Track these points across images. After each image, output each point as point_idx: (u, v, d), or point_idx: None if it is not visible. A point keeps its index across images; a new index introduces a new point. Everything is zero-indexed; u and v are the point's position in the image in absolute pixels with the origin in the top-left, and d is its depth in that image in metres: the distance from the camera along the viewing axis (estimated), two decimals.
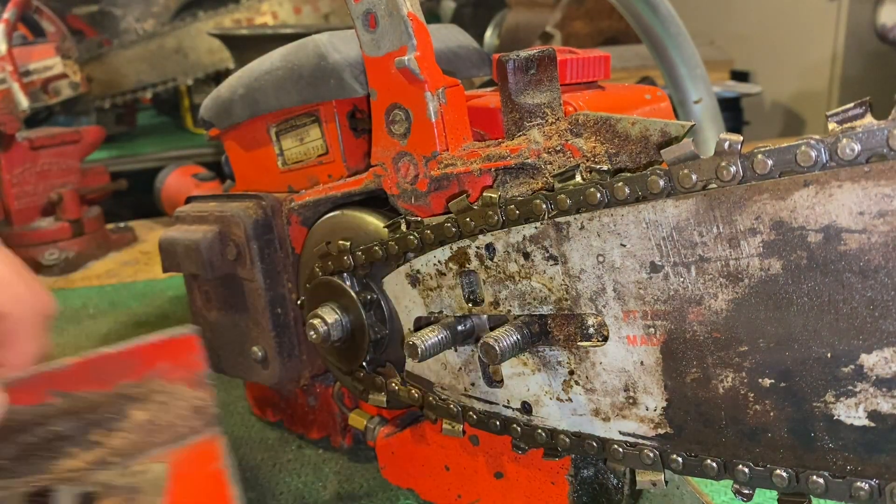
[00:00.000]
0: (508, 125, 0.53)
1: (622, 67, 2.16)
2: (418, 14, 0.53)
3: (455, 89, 0.55)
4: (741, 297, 0.39)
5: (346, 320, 0.62)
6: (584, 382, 0.47)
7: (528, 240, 0.47)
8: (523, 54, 0.52)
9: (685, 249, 0.40)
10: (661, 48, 1.01)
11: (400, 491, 0.71)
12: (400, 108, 0.56)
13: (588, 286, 0.45)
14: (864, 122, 0.34)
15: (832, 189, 0.34)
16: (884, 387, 0.35)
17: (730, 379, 0.41)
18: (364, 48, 0.56)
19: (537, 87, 0.52)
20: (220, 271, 0.72)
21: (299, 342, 0.73)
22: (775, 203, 0.36)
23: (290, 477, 0.77)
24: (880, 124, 0.33)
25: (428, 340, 0.52)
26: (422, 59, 0.53)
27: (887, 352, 0.35)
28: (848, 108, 0.34)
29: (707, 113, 1.06)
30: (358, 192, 0.63)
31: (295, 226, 0.71)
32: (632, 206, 0.41)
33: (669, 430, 0.44)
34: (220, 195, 0.77)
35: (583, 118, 0.49)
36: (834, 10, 2.71)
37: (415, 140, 0.56)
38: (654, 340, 0.43)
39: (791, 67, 2.93)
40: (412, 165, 0.56)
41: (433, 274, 0.54)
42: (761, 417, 0.40)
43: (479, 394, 0.54)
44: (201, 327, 0.79)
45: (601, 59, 0.61)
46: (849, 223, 0.34)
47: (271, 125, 0.73)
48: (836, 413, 0.37)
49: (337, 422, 0.78)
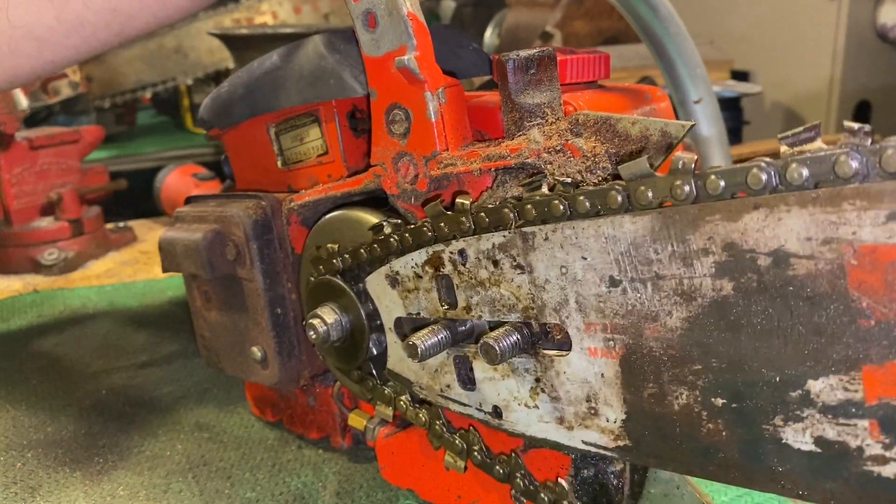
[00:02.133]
0: (508, 125, 0.53)
1: (622, 67, 2.16)
2: (418, 14, 0.53)
3: (455, 89, 0.55)
4: (694, 316, 0.39)
5: (346, 320, 0.62)
6: (549, 391, 0.48)
7: (497, 248, 0.48)
8: (523, 54, 0.51)
9: (642, 266, 0.40)
10: (661, 48, 1.01)
11: (400, 491, 0.71)
12: (400, 107, 0.56)
13: (552, 296, 0.45)
14: (813, 147, 0.34)
15: (781, 213, 0.34)
16: (829, 413, 0.36)
17: (684, 396, 0.41)
18: (364, 48, 0.56)
19: (537, 86, 0.52)
20: (219, 271, 0.72)
21: (299, 342, 0.73)
22: (727, 224, 0.36)
23: (290, 477, 0.76)
24: (829, 149, 0.33)
25: (427, 341, 0.52)
26: (422, 59, 0.53)
27: (833, 379, 0.35)
28: (798, 131, 0.34)
29: (707, 113, 1.06)
30: (357, 192, 0.63)
31: (295, 226, 0.70)
32: (591, 221, 0.42)
33: (628, 443, 0.45)
34: (219, 195, 0.77)
35: (583, 118, 0.49)
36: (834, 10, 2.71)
37: (415, 140, 0.55)
38: (614, 354, 0.43)
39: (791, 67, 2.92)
40: (412, 165, 0.56)
41: (411, 276, 0.54)
42: (714, 436, 0.40)
43: (454, 395, 0.55)
44: (201, 327, 0.79)
45: (601, 59, 0.61)
46: (797, 248, 0.34)
47: (271, 125, 0.73)
48: (785, 437, 0.38)
49: (337, 422, 0.78)
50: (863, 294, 0.33)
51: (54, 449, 0.84)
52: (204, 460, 0.80)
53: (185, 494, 0.74)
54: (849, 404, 0.35)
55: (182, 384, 1.00)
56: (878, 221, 0.31)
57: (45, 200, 1.57)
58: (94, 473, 0.79)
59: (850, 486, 0.36)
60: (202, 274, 0.72)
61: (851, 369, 0.34)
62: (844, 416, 0.35)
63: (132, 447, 0.84)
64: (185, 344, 1.14)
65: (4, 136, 1.51)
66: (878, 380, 0.33)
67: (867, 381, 0.34)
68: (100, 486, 0.76)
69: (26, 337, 1.20)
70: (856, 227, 0.32)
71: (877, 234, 0.31)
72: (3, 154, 1.52)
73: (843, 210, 0.32)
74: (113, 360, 1.07)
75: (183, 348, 1.12)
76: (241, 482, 0.76)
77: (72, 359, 1.09)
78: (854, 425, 0.35)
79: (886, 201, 0.31)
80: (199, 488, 0.75)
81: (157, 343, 1.14)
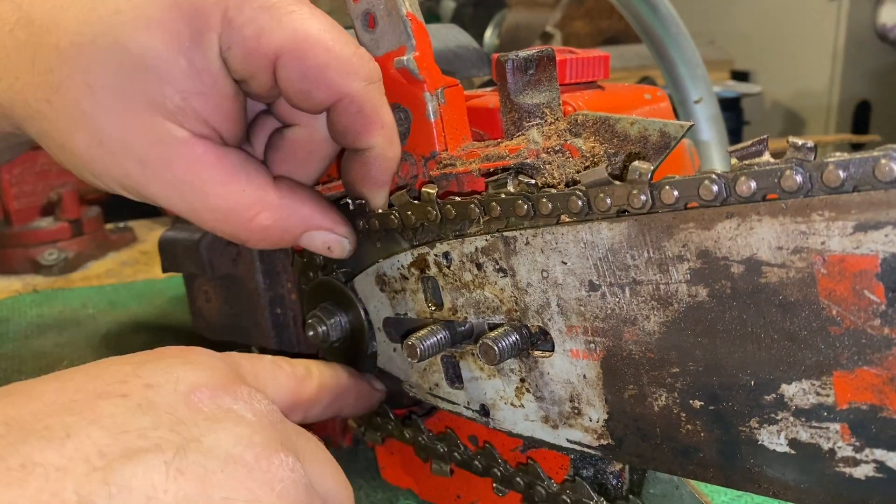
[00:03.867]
0: (507, 125, 0.53)
1: (622, 67, 2.16)
2: (417, 14, 0.54)
3: (454, 89, 0.56)
4: (671, 321, 0.40)
5: (346, 320, 0.62)
6: (534, 390, 0.49)
7: (480, 251, 0.48)
8: (522, 54, 0.52)
9: (619, 271, 0.41)
10: (661, 48, 1.01)
11: (400, 491, 0.71)
12: (399, 108, 0.56)
13: (535, 299, 0.46)
14: (761, 160, 0.35)
15: (753, 222, 0.35)
16: (803, 416, 0.36)
17: (663, 398, 0.42)
18: (363, 48, 0.56)
19: (536, 87, 0.52)
20: (219, 271, 0.72)
21: (299, 343, 0.73)
22: (701, 232, 0.37)
23: None
24: (776, 163, 0.34)
25: (427, 341, 0.52)
26: (421, 59, 0.53)
27: (805, 384, 0.36)
28: (746, 145, 0.35)
29: (707, 113, 1.06)
30: None
31: None
32: (570, 226, 0.43)
33: (611, 442, 0.46)
34: None
35: (582, 118, 0.49)
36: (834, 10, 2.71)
37: (414, 140, 0.56)
38: (595, 356, 0.44)
39: (791, 67, 2.93)
40: (411, 165, 0.56)
41: (397, 277, 0.55)
42: (693, 437, 0.41)
43: (443, 394, 0.56)
44: (201, 328, 0.79)
45: (601, 59, 0.61)
46: (768, 257, 0.35)
47: None
48: (760, 438, 0.38)
49: (336, 422, 0.78)
50: (832, 302, 0.34)
51: None
52: None
53: None
54: (821, 408, 0.36)
55: None
56: (846, 232, 0.32)
57: (45, 200, 1.57)
58: None
59: (823, 486, 0.37)
60: (202, 274, 0.72)
61: (823, 374, 0.35)
62: (817, 420, 0.36)
63: None
64: (185, 344, 1.14)
65: None
66: (849, 385, 0.34)
67: (838, 386, 0.35)
68: None
69: (26, 337, 1.20)
70: (825, 238, 0.33)
71: (845, 244, 0.32)
72: None
73: (812, 220, 0.33)
74: None
75: None
76: None
77: (72, 359, 1.09)
78: (826, 428, 0.36)
79: (854, 212, 0.31)
80: None
81: (157, 343, 1.13)
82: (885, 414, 0.34)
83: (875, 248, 0.31)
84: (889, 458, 0.34)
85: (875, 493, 0.35)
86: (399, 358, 0.59)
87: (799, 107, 2.96)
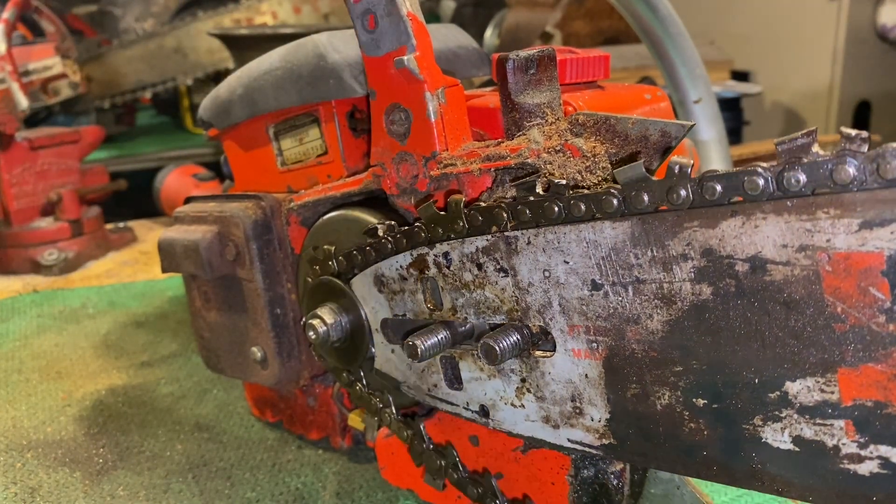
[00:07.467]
0: (508, 125, 0.53)
1: (622, 67, 2.16)
2: (418, 14, 0.53)
3: (455, 89, 0.55)
4: (675, 320, 0.40)
5: (346, 321, 0.62)
6: (534, 391, 0.49)
7: (480, 251, 0.48)
8: (523, 54, 0.51)
9: (622, 270, 0.41)
10: (661, 48, 1.01)
11: (399, 491, 0.71)
12: (399, 108, 0.56)
13: (536, 299, 0.46)
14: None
15: (757, 220, 0.35)
16: (807, 414, 0.36)
17: (666, 397, 0.42)
18: (363, 48, 0.56)
19: (537, 86, 0.52)
20: (219, 272, 0.72)
21: (298, 343, 0.73)
22: (705, 231, 0.37)
23: (290, 477, 0.76)
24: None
25: (428, 341, 0.52)
26: (421, 59, 0.53)
27: (810, 381, 0.36)
28: (795, 136, 0.35)
29: (707, 113, 1.06)
30: (357, 192, 0.63)
31: (294, 226, 0.71)
32: (573, 226, 0.42)
33: (613, 441, 0.46)
34: (219, 195, 0.77)
35: (582, 118, 0.49)
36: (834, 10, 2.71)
37: (414, 140, 0.56)
38: (597, 355, 0.44)
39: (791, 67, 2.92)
40: (412, 165, 0.56)
41: (396, 278, 0.55)
42: (696, 435, 0.41)
43: (442, 395, 0.55)
44: (200, 328, 0.79)
45: (601, 59, 0.61)
46: (773, 255, 0.35)
47: (270, 125, 0.73)
48: (765, 436, 0.38)
49: (336, 422, 0.78)
50: (837, 299, 0.34)
51: (54, 449, 0.85)
52: (204, 460, 0.81)
53: (185, 494, 0.74)
54: (825, 405, 0.36)
55: (182, 384, 1.00)
56: (851, 230, 0.32)
57: (45, 201, 1.57)
58: (94, 473, 0.79)
59: (828, 483, 0.37)
60: (202, 274, 0.72)
61: (827, 371, 0.35)
62: (821, 417, 0.36)
63: (132, 447, 0.84)
64: (185, 344, 1.14)
65: (4, 137, 1.51)
66: (854, 382, 0.34)
67: (843, 383, 0.35)
68: (100, 486, 0.76)
69: (26, 337, 1.20)
70: (830, 235, 0.33)
71: (850, 241, 0.32)
72: (3, 154, 1.52)
73: (817, 218, 0.33)
74: (113, 360, 1.08)
75: (183, 348, 1.12)
76: (241, 482, 0.76)
77: (72, 359, 1.09)
78: (831, 425, 0.36)
79: (859, 210, 0.31)
80: (199, 488, 0.75)
81: (157, 343, 1.15)
82: (890, 410, 0.33)
83: (880, 246, 0.31)
84: (894, 454, 0.34)
85: (880, 489, 0.35)
86: (397, 359, 0.58)
87: (799, 107, 2.96)
